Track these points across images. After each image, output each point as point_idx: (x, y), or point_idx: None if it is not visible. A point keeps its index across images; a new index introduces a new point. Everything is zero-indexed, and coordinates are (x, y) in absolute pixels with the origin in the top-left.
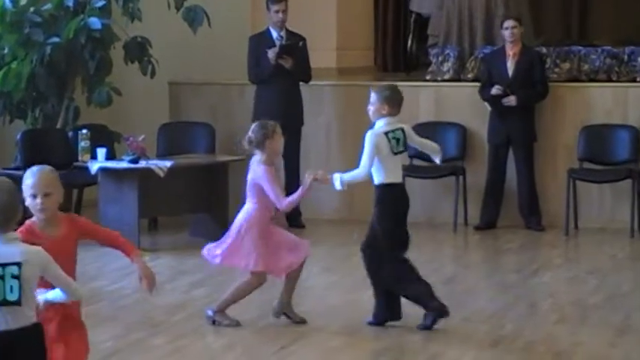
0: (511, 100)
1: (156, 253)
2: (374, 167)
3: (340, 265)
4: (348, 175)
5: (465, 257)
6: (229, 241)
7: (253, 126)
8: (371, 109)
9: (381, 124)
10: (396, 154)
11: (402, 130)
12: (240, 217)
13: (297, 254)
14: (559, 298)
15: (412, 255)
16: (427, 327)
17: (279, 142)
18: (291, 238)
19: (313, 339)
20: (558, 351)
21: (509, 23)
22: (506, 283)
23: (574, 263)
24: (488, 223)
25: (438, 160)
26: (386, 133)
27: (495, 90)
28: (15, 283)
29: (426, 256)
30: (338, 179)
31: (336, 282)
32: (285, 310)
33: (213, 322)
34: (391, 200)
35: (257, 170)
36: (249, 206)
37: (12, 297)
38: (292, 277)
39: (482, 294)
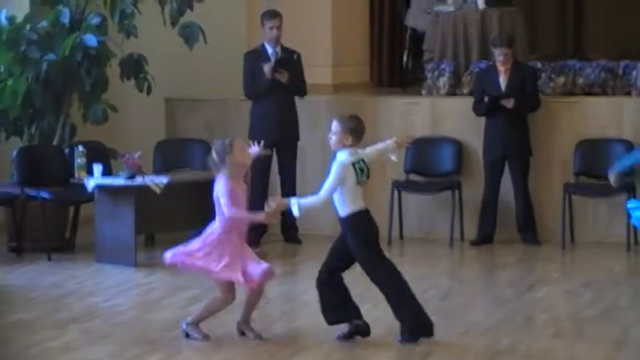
0: (509, 101)
1: (152, 269)
2: (338, 200)
3: None
4: (306, 202)
5: (461, 272)
6: (195, 246)
7: (213, 146)
8: (333, 138)
9: (345, 155)
10: (360, 183)
11: (363, 160)
12: (208, 231)
13: (259, 273)
14: (555, 312)
15: (408, 269)
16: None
17: (240, 154)
18: (255, 257)
19: (310, 355)
20: None
21: (499, 52)
22: (503, 298)
23: (570, 277)
24: (484, 238)
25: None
26: (353, 164)
27: (489, 96)
28: None
29: (422, 271)
30: (295, 205)
31: None
32: (242, 328)
33: (187, 335)
34: (362, 227)
35: (217, 183)
36: (216, 222)
37: None
38: (253, 297)
39: (479, 308)
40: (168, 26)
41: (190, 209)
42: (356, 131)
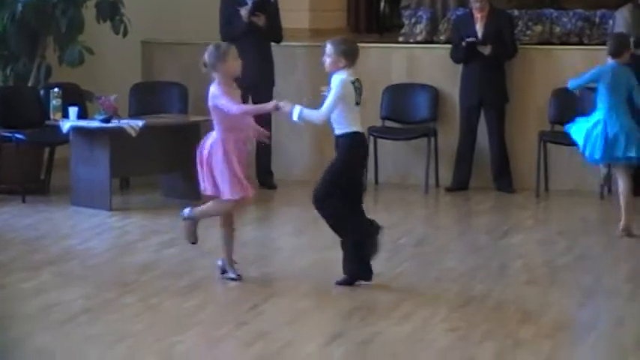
0: (486, 48)
1: (127, 213)
2: (338, 119)
3: (310, 227)
4: (308, 112)
5: (436, 218)
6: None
7: (208, 49)
8: (327, 60)
9: (343, 74)
10: (358, 103)
11: (359, 80)
12: (207, 144)
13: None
14: (529, 260)
15: (383, 216)
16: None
17: (232, 65)
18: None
19: (284, 299)
20: (528, 311)
21: None
22: (477, 245)
23: (544, 225)
24: (459, 185)
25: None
26: (352, 82)
27: (466, 41)
28: None
29: (397, 217)
30: (297, 111)
31: (305, 243)
32: (224, 266)
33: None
34: (356, 146)
35: (213, 91)
36: (214, 133)
37: None
38: (225, 233)
39: (453, 255)
40: None
41: (166, 153)
42: (349, 53)
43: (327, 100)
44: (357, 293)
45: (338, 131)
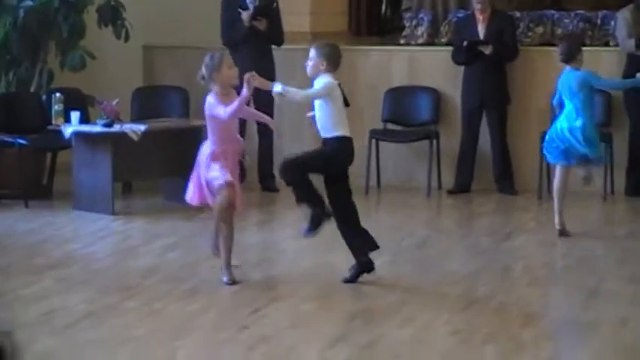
0: (487, 47)
1: (129, 217)
2: (327, 121)
3: None
4: (291, 88)
5: (438, 221)
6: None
7: (204, 60)
8: (309, 64)
9: (326, 78)
10: (347, 105)
11: (341, 86)
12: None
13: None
14: (531, 261)
15: (386, 219)
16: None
17: (227, 73)
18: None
19: (287, 302)
20: (530, 313)
21: (477, 0)
22: (479, 247)
23: (546, 227)
24: (461, 187)
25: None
26: (339, 85)
27: (467, 42)
28: None
29: (399, 220)
30: (280, 85)
31: (308, 246)
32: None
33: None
34: (342, 151)
35: (209, 100)
36: (208, 143)
37: None
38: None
39: (456, 257)
40: None
41: (168, 157)
42: (331, 57)
43: (312, 89)
44: (360, 296)
45: (324, 134)
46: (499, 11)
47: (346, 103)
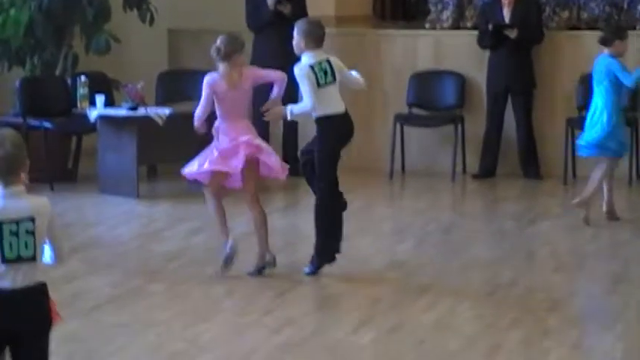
0: (513, 31)
1: (154, 201)
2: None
3: None
4: (297, 107)
5: (463, 206)
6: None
7: (222, 37)
8: (293, 43)
9: (305, 59)
10: (322, 85)
11: (328, 60)
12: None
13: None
14: (557, 247)
15: (410, 204)
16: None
17: (242, 58)
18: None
19: (311, 286)
20: (555, 299)
21: None
22: (504, 232)
23: (572, 212)
24: (486, 172)
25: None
26: (311, 67)
27: (493, 25)
28: (30, 239)
29: (424, 205)
30: (289, 110)
31: None
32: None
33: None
34: (331, 131)
35: (212, 77)
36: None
37: (27, 253)
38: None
39: (480, 242)
40: None
41: (192, 140)
42: (310, 35)
43: (302, 91)
44: (384, 280)
45: (314, 115)
46: None
47: (319, 84)
